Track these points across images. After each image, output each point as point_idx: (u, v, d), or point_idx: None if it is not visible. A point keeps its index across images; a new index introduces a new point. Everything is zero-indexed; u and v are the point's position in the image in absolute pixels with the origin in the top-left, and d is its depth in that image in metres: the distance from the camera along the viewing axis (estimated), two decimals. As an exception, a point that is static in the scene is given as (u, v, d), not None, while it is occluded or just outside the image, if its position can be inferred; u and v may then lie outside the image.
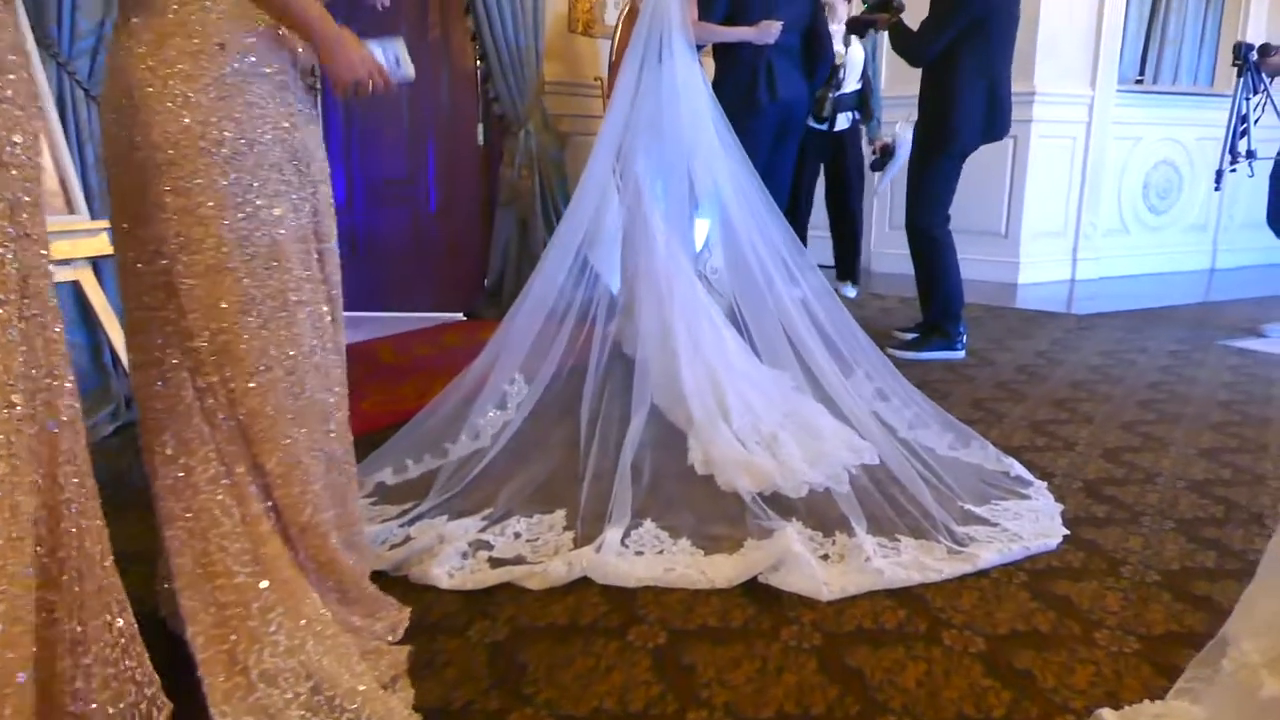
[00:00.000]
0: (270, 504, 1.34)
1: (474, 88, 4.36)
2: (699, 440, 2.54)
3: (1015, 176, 5.42)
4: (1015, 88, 5.28)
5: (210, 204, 1.35)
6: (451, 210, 4.53)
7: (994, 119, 3.50)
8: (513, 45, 4.17)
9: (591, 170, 3.15)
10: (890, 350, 3.64)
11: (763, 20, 3.34)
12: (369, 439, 2.51)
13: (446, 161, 4.49)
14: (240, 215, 1.35)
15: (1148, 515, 2.12)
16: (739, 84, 3.41)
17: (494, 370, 2.76)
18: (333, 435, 1.43)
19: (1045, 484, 2.29)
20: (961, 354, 3.67)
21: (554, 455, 2.48)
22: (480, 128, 4.44)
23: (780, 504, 2.14)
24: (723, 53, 3.49)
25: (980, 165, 5.45)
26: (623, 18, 4.00)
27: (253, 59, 1.37)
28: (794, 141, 3.66)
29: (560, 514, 2.13)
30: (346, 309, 1.63)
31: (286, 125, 1.41)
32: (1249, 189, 6.22)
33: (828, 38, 3.58)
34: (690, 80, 3.22)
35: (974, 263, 5.53)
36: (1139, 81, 5.90)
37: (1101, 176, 5.66)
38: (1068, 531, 2.01)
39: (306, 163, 1.47)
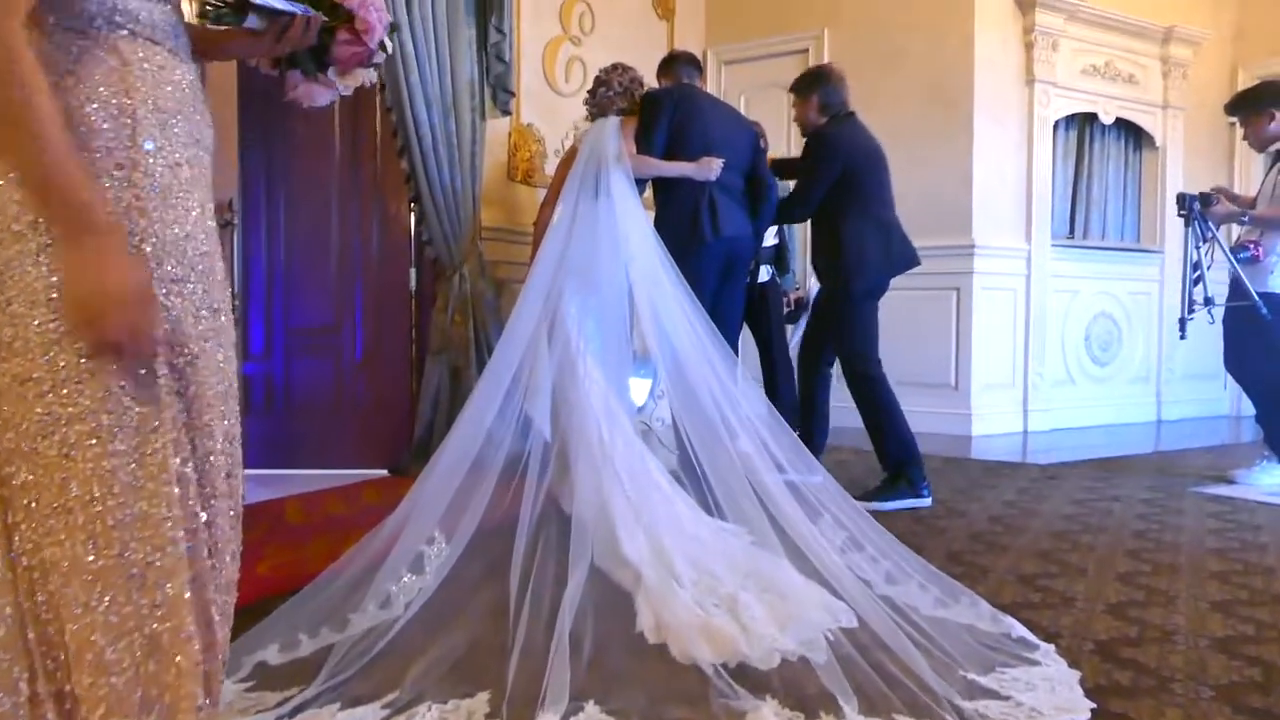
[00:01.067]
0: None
1: (406, 231, 4.18)
2: (648, 602, 2.19)
3: (961, 328, 5.36)
4: (955, 240, 5.35)
5: (21, 299, 1.05)
6: (378, 359, 4.24)
7: (891, 252, 3.52)
8: (448, 188, 4.03)
9: (520, 314, 2.91)
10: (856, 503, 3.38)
11: (703, 157, 3.24)
12: (262, 607, 2.10)
13: (374, 307, 4.23)
14: (52, 313, 1.03)
15: (1178, 681, 1.80)
16: (681, 220, 3.27)
17: (408, 528, 2.40)
18: (157, 612, 1.06)
19: (1053, 647, 1.97)
20: (928, 501, 3.42)
21: (477, 625, 2.08)
22: (413, 272, 4.23)
23: (749, 678, 1.78)
24: (662, 189, 3.37)
25: (926, 317, 5.42)
26: (562, 160, 3.90)
27: (83, 129, 1.09)
28: (740, 281, 3.50)
29: (483, 698, 1.73)
30: (257, 465, 1.29)
31: (126, 205, 1.11)
32: (1186, 342, 6.29)
33: (770, 180, 3.50)
34: (630, 216, 3.06)
35: (926, 415, 5.38)
36: (1070, 237, 6.02)
37: (1045, 327, 5.65)
38: (1093, 704, 1.68)
39: (159, 255, 1.16)
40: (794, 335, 4.90)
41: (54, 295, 1.06)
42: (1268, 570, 2.59)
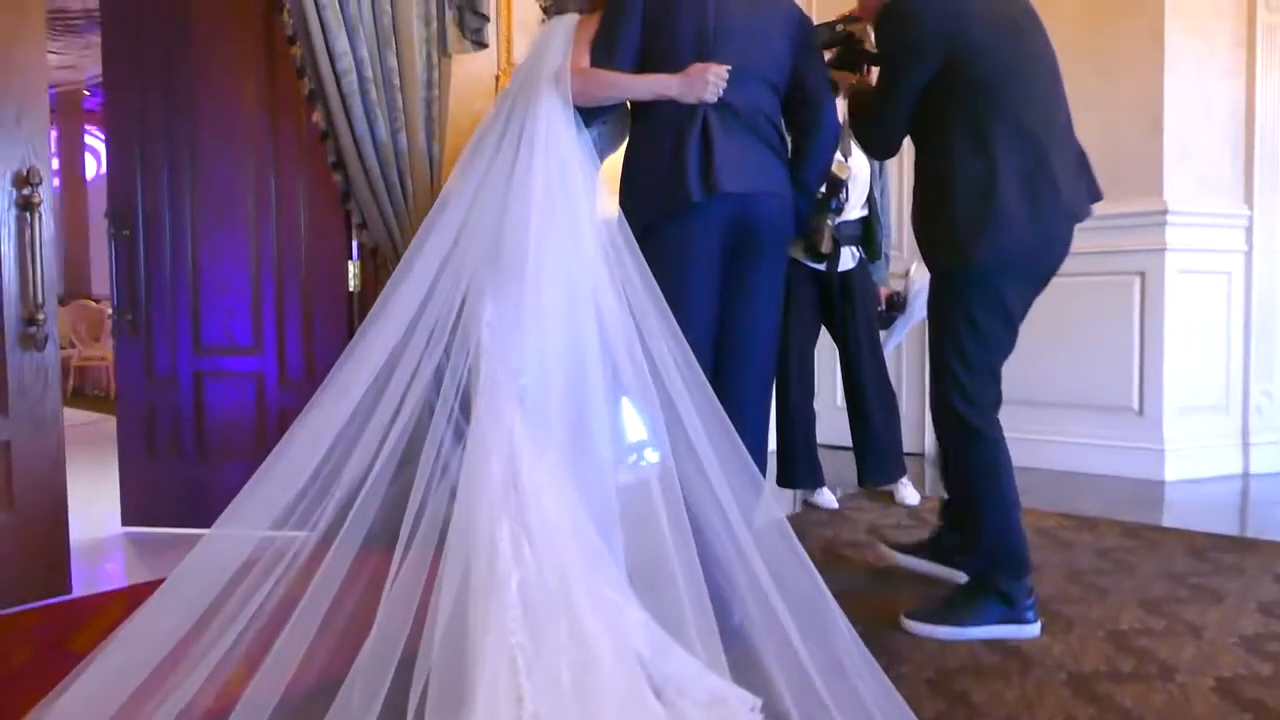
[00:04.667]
0: None
1: (341, 211, 3.07)
2: None
3: (1148, 328, 3.79)
4: (1138, 205, 3.78)
5: None
6: (314, 385, 3.15)
7: (1042, 199, 1.99)
8: (385, 146, 2.88)
9: (384, 314, 1.80)
10: (907, 621, 2.07)
11: (696, 64, 1.92)
12: None
13: (306, 316, 3.15)
14: None
15: None
16: (653, 169, 1.96)
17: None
18: None
19: None
20: (1035, 629, 2.08)
21: None
22: (351, 267, 3.13)
23: None
24: (637, 121, 2.08)
25: (1098, 313, 3.87)
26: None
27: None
28: (769, 272, 2.09)
29: None
30: (159, 524, 0.32)
31: None
32: None
33: (825, 100, 2.12)
34: (556, 173, 1.83)
35: (1098, 449, 3.87)
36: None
37: (1274, 325, 3.98)
38: None
39: None
40: (888, 345, 3.52)
41: None
42: None
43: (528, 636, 1.51)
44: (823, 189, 3.17)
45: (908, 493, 3.49)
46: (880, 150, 2.31)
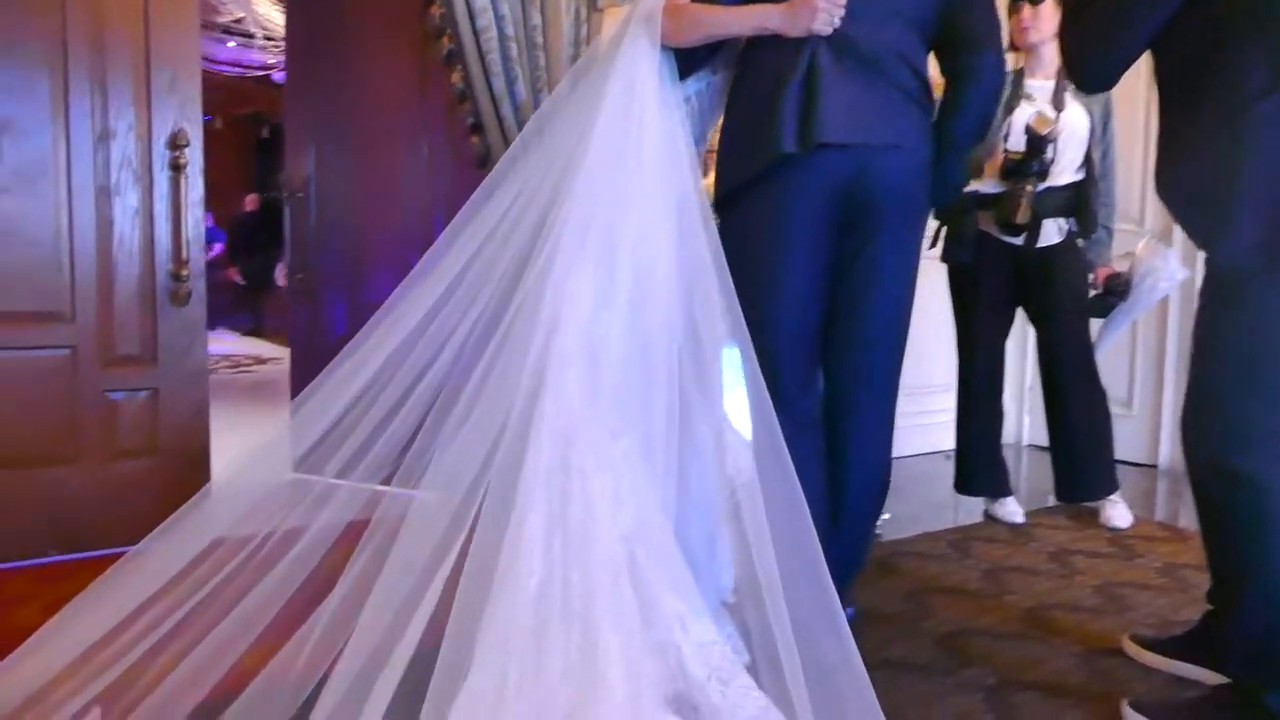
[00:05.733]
0: None
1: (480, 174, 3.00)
2: None
3: None
4: None
5: None
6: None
7: None
8: (525, 106, 2.76)
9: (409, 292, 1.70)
10: (1129, 711, 1.63)
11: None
12: None
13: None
14: None
15: None
16: (745, 117, 1.65)
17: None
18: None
19: None
20: None
21: None
22: (495, 233, 3.06)
23: None
24: (740, 65, 1.77)
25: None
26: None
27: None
28: (893, 252, 1.69)
29: None
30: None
31: None
32: None
33: (984, 38, 1.69)
34: (638, 110, 1.60)
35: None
36: None
37: None
38: None
39: None
40: (1103, 340, 2.96)
41: None
42: None
43: (532, 647, 1.32)
44: (1022, 148, 2.72)
45: (1116, 512, 2.94)
46: (1095, 79, 1.65)
